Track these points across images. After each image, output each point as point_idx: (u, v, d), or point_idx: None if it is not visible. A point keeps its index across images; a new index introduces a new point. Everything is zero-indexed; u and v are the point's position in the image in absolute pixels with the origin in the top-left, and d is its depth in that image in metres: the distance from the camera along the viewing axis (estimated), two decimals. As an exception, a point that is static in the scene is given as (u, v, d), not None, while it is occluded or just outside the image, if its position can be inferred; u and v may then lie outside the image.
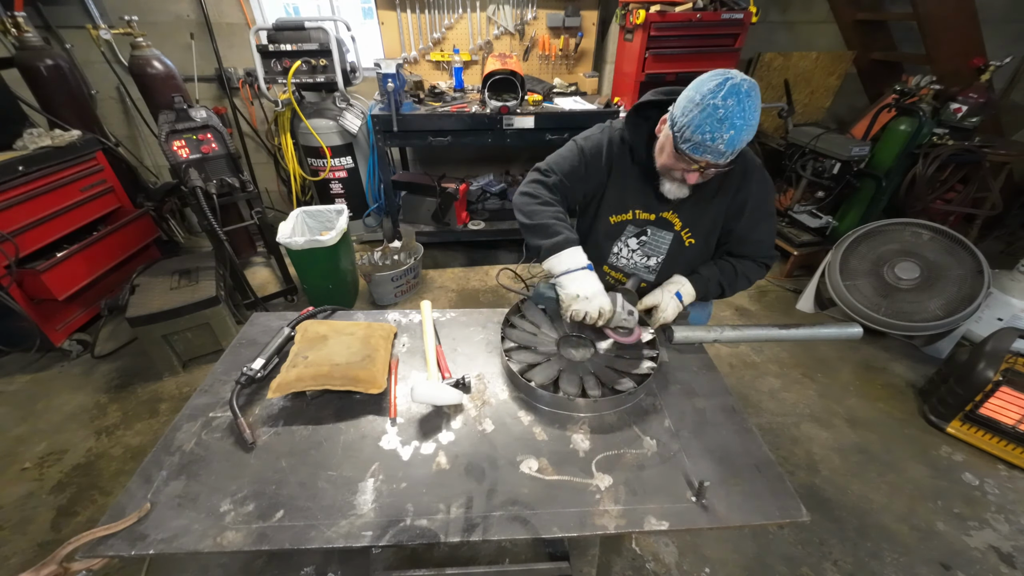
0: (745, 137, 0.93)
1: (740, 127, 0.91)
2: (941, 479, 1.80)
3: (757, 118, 0.93)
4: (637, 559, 1.52)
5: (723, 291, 1.23)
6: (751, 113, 0.91)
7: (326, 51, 2.73)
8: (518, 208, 1.18)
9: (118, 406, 2.10)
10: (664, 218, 1.21)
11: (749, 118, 0.91)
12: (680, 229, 1.21)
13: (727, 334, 1.14)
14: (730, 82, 0.90)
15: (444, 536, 0.77)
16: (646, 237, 1.25)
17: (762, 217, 1.19)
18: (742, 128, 0.91)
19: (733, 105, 0.89)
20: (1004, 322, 2.17)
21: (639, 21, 2.60)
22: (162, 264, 2.47)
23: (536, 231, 1.12)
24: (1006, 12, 3.38)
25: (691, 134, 0.94)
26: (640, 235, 1.25)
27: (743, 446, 0.94)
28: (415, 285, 2.95)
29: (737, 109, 0.89)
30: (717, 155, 0.94)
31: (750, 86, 0.91)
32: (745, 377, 2.30)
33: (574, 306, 1.05)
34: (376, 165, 3.24)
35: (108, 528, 0.75)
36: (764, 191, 1.18)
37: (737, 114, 0.90)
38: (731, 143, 0.92)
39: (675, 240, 1.22)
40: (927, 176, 2.62)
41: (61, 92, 2.50)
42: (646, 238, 1.25)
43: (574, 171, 1.20)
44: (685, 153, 0.98)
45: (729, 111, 0.89)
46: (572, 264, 1.07)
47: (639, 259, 1.28)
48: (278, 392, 0.98)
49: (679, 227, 1.20)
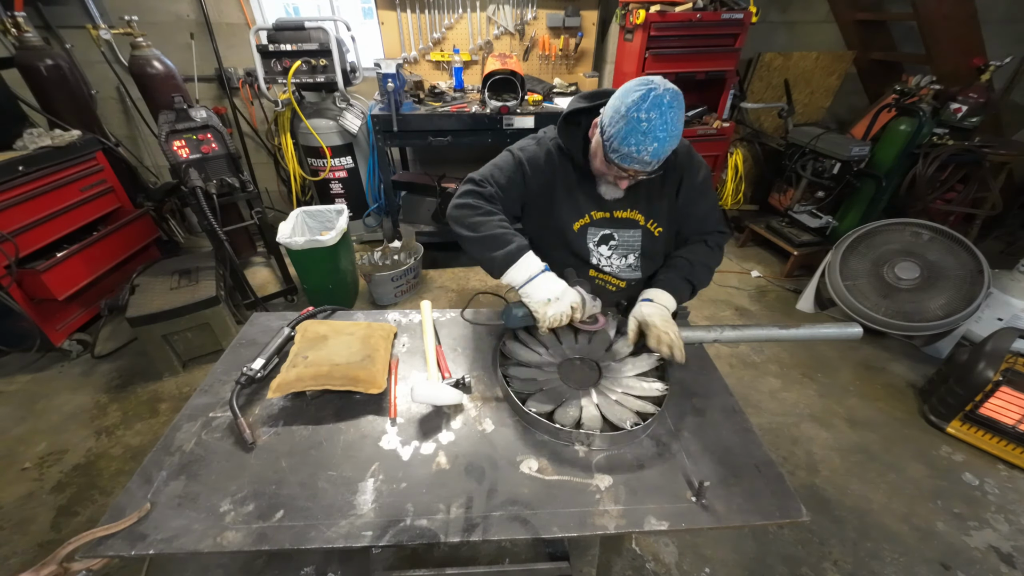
0: (669, 147, 0.96)
1: (663, 139, 0.93)
2: (941, 479, 1.80)
3: (680, 127, 0.96)
4: (637, 559, 1.52)
5: (692, 287, 1.21)
6: (674, 124, 0.93)
7: (326, 51, 2.73)
8: (456, 221, 1.11)
9: (118, 406, 2.10)
10: (624, 218, 1.22)
11: (672, 129, 0.93)
12: (645, 223, 1.22)
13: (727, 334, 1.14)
14: (653, 93, 0.92)
15: (444, 536, 0.77)
16: (615, 241, 1.24)
17: (699, 193, 1.21)
18: (665, 140, 0.93)
19: (656, 118, 0.91)
20: (1004, 322, 2.17)
21: (639, 21, 2.60)
22: (162, 264, 2.47)
23: (483, 243, 1.06)
24: (1006, 12, 3.38)
25: (618, 145, 0.96)
26: (608, 240, 1.24)
27: (743, 446, 0.94)
28: (415, 285, 2.95)
29: (659, 122, 0.92)
30: (644, 164, 0.98)
31: (672, 96, 0.93)
32: (745, 377, 2.30)
33: (548, 312, 1.00)
34: (376, 165, 3.24)
35: (108, 528, 0.75)
36: (694, 168, 1.20)
37: (660, 127, 0.92)
38: (655, 154, 0.95)
39: (644, 234, 1.24)
40: (927, 176, 2.62)
41: (61, 92, 2.50)
42: (615, 242, 1.24)
43: (511, 181, 1.17)
44: (614, 163, 1.01)
45: (652, 124, 0.92)
46: (532, 270, 1.03)
47: (617, 262, 1.27)
48: (278, 392, 0.98)
49: (643, 221, 1.22)
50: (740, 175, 3.52)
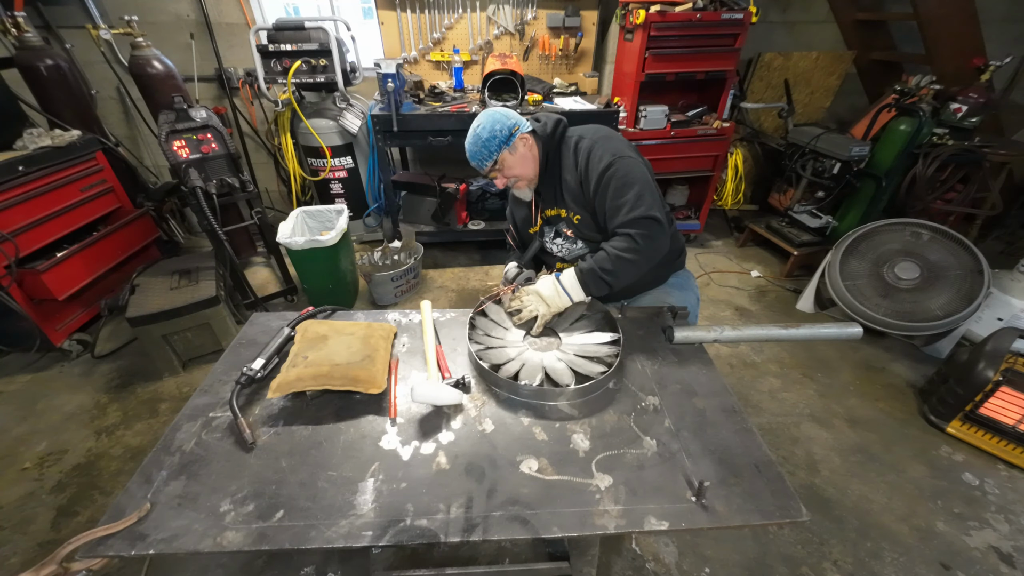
0: (475, 150, 1.31)
1: (468, 148, 1.34)
2: (941, 479, 1.80)
3: (482, 133, 1.28)
4: (637, 559, 1.52)
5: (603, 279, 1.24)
6: (474, 135, 1.30)
7: (326, 51, 2.73)
8: None
9: (118, 406, 2.10)
10: (553, 215, 1.48)
11: (472, 139, 1.31)
12: (568, 215, 1.42)
13: (727, 334, 1.14)
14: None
15: (444, 536, 0.77)
16: (560, 235, 1.52)
17: (600, 186, 1.28)
18: (468, 149, 1.33)
19: (467, 137, 1.33)
20: (1004, 322, 2.17)
21: (639, 21, 2.60)
22: (162, 264, 2.47)
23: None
24: (1006, 12, 3.38)
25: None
26: (559, 234, 1.52)
27: (743, 446, 0.94)
28: (415, 285, 2.95)
29: (467, 139, 1.33)
30: (477, 166, 1.36)
31: (480, 119, 1.30)
32: (745, 377, 2.30)
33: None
34: (376, 165, 3.24)
35: (108, 528, 0.75)
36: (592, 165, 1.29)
37: (467, 142, 1.33)
38: (472, 157, 1.34)
39: (568, 223, 1.45)
40: (927, 176, 2.62)
41: (61, 92, 2.50)
42: (559, 234, 1.52)
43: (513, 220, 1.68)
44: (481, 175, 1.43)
45: (465, 143, 1.34)
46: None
47: (569, 245, 1.51)
48: (278, 392, 0.98)
49: (566, 214, 1.43)
50: (740, 175, 3.52)
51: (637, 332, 1.28)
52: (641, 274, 1.28)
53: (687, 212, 3.47)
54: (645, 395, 1.07)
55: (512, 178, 1.37)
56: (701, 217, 3.38)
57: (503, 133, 1.29)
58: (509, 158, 1.32)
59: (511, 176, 1.37)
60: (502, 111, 1.31)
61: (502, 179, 1.37)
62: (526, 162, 1.35)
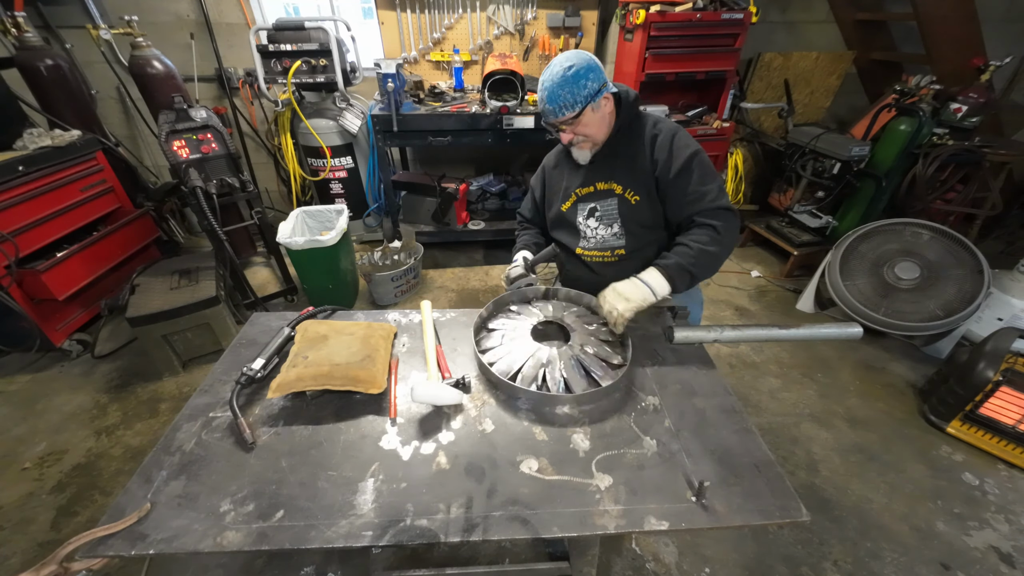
0: (561, 91, 1.16)
1: (550, 87, 1.17)
2: (941, 479, 1.80)
3: (572, 74, 1.14)
4: (637, 559, 1.52)
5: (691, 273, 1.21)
6: (559, 74, 1.15)
7: (326, 51, 2.73)
8: None
9: (118, 406, 2.10)
10: (604, 189, 1.34)
11: (556, 77, 1.15)
12: (623, 192, 1.32)
13: (727, 334, 1.14)
14: (550, 63, 1.19)
15: (444, 536, 0.77)
16: (599, 212, 1.37)
17: (681, 169, 1.24)
18: (552, 87, 1.16)
19: (545, 77, 1.18)
20: (1004, 322, 2.17)
21: (639, 21, 2.61)
22: (162, 264, 2.47)
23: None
24: (1006, 12, 3.38)
25: (539, 109, 1.25)
26: (594, 212, 1.38)
27: (743, 446, 0.94)
28: (415, 285, 2.95)
29: (547, 77, 1.17)
30: (552, 113, 1.20)
31: (562, 58, 1.16)
32: (745, 377, 2.30)
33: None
34: (376, 165, 3.24)
35: (108, 528, 0.75)
36: (675, 148, 1.26)
37: (547, 80, 1.17)
38: (551, 100, 1.18)
39: (621, 202, 1.33)
40: (927, 176, 2.62)
41: (61, 92, 2.50)
42: (599, 212, 1.37)
43: (531, 203, 1.57)
44: (545, 124, 1.28)
45: (542, 81, 1.19)
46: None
47: (604, 232, 1.39)
48: (278, 392, 0.98)
49: (620, 190, 1.32)
50: (740, 175, 3.52)
51: (637, 332, 1.28)
52: (720, 266, 1.27)
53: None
54: (645, 395, 1.07)
55: (581, 136, 1.25)
56: (701, 217, 3.38)
57: (594, 85, 1.17)
58: (591, 114, 1.21)
59: (583, 133, 1.25)
60: (595, 59, 1.18)
61: (570, 134, 1.25)
62: (603, 123, 1.25)
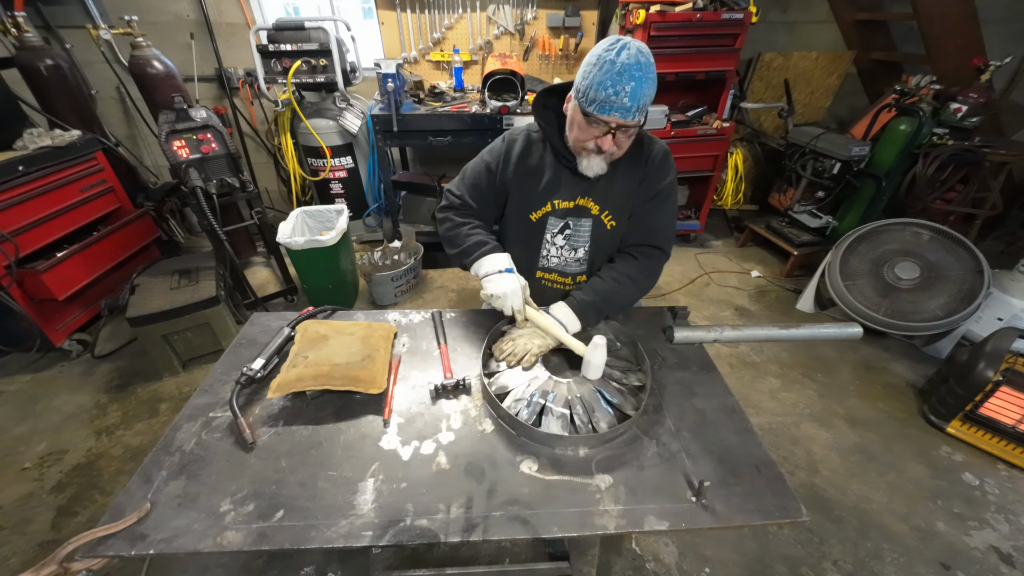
0: (647, 91, 0.94)
1: (639, 78, 0.92)
2: (941, 479, 1.80)
3: (655, 74, 0.95)
4: (637, 559, 1.52)
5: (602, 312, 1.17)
6: (647, 68, 0.93)
7: (326, 51, 2.73)
8: (443, 239, 1.25)
9: (118, 406, 2.10)
10: (581, 205, 1.18)
11: (647, 71, 0.93)
12: (599, 213, 1.18)
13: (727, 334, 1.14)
14: (621, 41, 0.93)
15: (444, 536, 0.77)
16: (570, 230, 1.22)
17: (659, 198, 1.17)
18: (641, 79, 0.92)
19: (628, 59, 0.91)
20: (1004, 322, 2.17)
21: (639, 21, 2.60)
22: (162, 264, 2.47)
23: (464, 253, 1.19)
24: (1006, 12, 3.38)
25: (595, 93, 0.95)
26: (564, 229, 1.23)
27: (743, 446, 0.94)
28: (415, 285, 2.95)
29: (633, 63, 0.91)
30: (624, 111, 0.95)
31: (640, 45, 0.94)
32: (745, 377, 2.30)
33: (495, 304, 1.14)
34: (376, 165, 3.24)
35: (108, 528, 0.75)
36: (664, 170, 1.16)
37: (634, 67, 0.91)
38: (634, 96, 0.93)
39: (596, 225, 1.20)
40: (927, 176, 2.62)
41: (61, 92, 2.50)
42: (570, 231, 1.22)
43: (476, 186, 1.23)
44: (593, 115, 0.98)
45: (626, 65, 0.91)
46: (491, 268, 1.14)
47: (567, 254, 1.26)
48: (278, 392, 0.98)
49: (597, 211, 1.18)
50: (740, 175, 3.52)
51: (637, 332, 1.28)
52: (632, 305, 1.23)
53: (687, 212, 3.47)
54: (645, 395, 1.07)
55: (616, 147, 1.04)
56: (701, 217, 3.38)
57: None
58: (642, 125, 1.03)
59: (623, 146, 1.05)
60: None
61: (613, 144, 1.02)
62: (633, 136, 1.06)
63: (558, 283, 1.31)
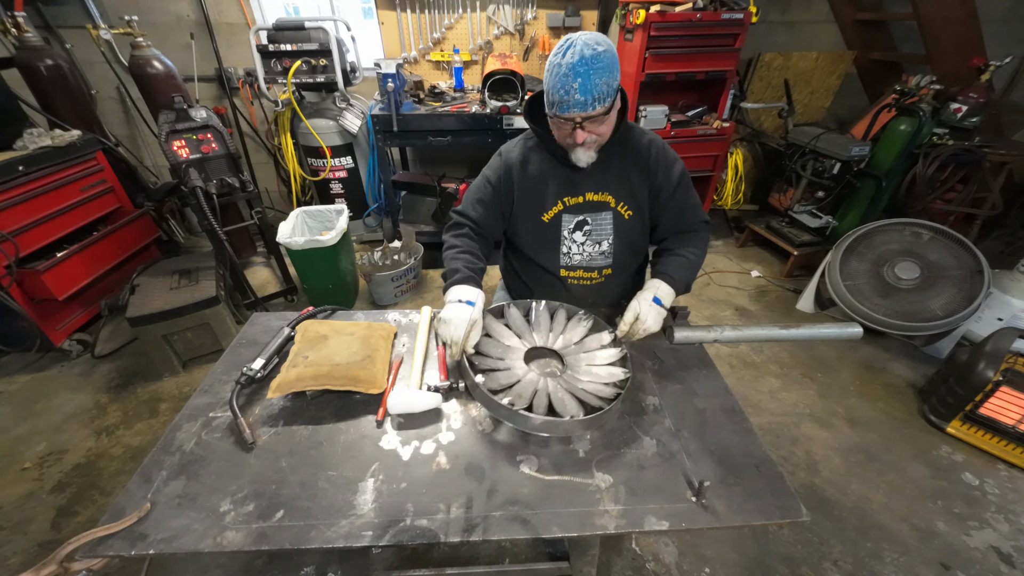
0: (596, 81, 0.97)
1: (584, 73, 0.96)
2: (941, 479, 1.80)
3: (606, 62, 0.97)
4: (637, 559, 1.52)
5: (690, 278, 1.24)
6: (593, 60, 0.96)
7: (326, 51, 2.73)
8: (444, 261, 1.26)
9: (118, 406, 2.10)
10: (597, 200, 1.22)
11: (592, 63, 0.96)
12: (616, 205, 1.23)
13: (727, 334, 1.14)
14: (567, 42, 0.98)
15: (444, 536, 0.77)
16: (589, 226, 1.25)
17: (678, 187, 1.22)
18: (587, 74, 0.96)
19: (571, 58, 0.96)
20: (1004, 322, 2.17)
21: (639, 21, 2.60)
22: (162, 264, 2.47)
23: (444, 276, 1.19)
24: (1006, 12, 3.38)
25: (552, 96, 1.02)
26: (582, 225, 1.25)
27: (743, 446, 0.94)
28: (415, 285, 2.95)
29: (577, 60, 0.96)
30: (580, 105, 1.00)
31: (588, 39, 0.97)
32: (745, 377, 2.30)
33: (439, 329, 1.09)
34: (376, 165, 3.24)
35: (108, 528, 0.75)
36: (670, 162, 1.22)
37: (579, 64, 0.96)
38: (584, 90, 0.97)
39: (615, 217, 1.24)
40: (927, 176, 2.62)
41: (61, 92, 2.50)
42: (589, 227, 1.25)
43: (482, 202, 1.26)
44: (558, 116, 1.05)
45: (571, 64, 0.96)
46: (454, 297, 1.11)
47: (590, 249, 1.28)
48: (278, 392, 0.98)
49: (614, 203, 1.23)
50: (740, 175, 3.51)
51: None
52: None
53: (687, 212, 3.46)
54: (645, 395, 1.07)
55: (595, 136, 1.09)
56: (701, 217, 3.38)
57: (617, 75, 1.02)
58: (612, 112, 1.07)
59: (599, 132, 1.09)
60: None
61: (588, 133, 1.07)
62: (612, 121, 1.09)
63: (584, 279, 1.32)
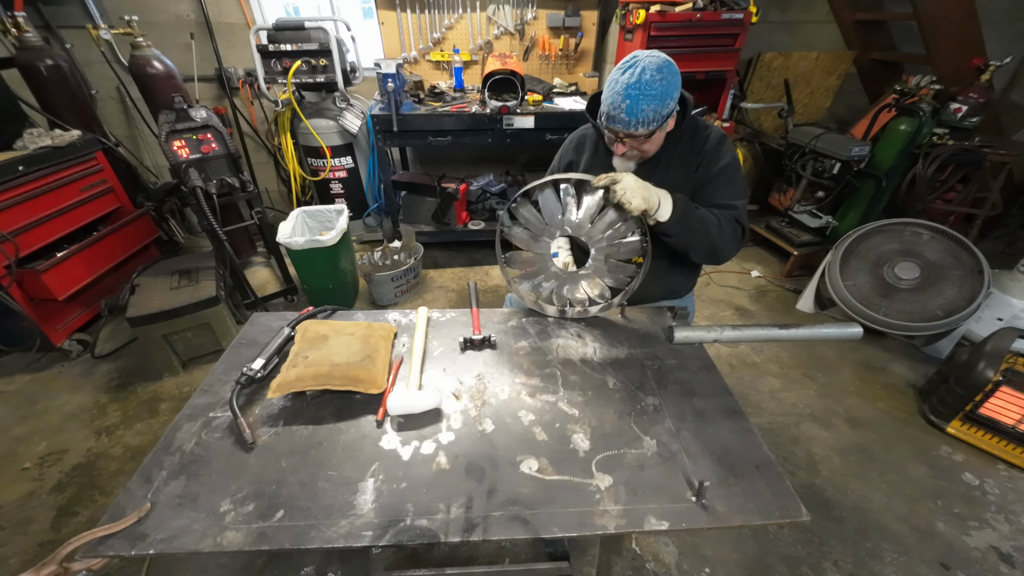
0: (644, 107, 1.01)
1: (635, 96, 1.01)
2: (941, 479, 1.80)
3: (659, 89, 1.01)
4: (637, 559, 1.52)
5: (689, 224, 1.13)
6: (647, 86, 1.00)
7: (326, 51, 2.73)
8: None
9: (118, 406, 2.10)
10: None
11: (645, 89, 1.00)
12: None
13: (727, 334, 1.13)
14: (631, 61, 1.03)
15: (444, 536, 0.77)
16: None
17: (719, 177, 1.20)
18: (637, 98, 1.01)
19: (629, 79, 1.01)
20: (1004, 322, 2.17)
21: (639, 21, 2.60)
22: (162, 264, 2.47)
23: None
24: (1006, 12, 3.38)
25: (604, 107, 1.09)
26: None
27: (743, 446, 0.94)
28: (415, 285, 2.95)
29: (633, 82, 1.01)
30: (624, 124, 1.06)
31: (650, 61, 1.01)
32: (745, 377, 2.30)
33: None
34: (376, 165, 3.24)
35: (108, 528, 0.75)
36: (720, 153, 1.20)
37: (632, 86, 1.01)
38: (630, 111, 1.03)
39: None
40: (927, 176, 2.62)
41: (61, 92, 2.50)
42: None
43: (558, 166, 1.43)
44: (604, 125, 1.13)
45: (626, 85, 1.01)
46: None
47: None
48: (278, 392, 0.98)
49: None
50: (740, 175, 3.51)
51: (639, 332, 1.28)
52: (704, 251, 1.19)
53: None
54: (645, 395, 1.07)
55: (637, 152, 1.14)
56: (701, 217, 3.38)
57: (674, 104, 1.06)
58: (659, 133, 1.11)
59: (643, 150, 1.14)
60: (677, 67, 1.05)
61: (628, 148, 1.12)
62: (658, 140, 1.15)
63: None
